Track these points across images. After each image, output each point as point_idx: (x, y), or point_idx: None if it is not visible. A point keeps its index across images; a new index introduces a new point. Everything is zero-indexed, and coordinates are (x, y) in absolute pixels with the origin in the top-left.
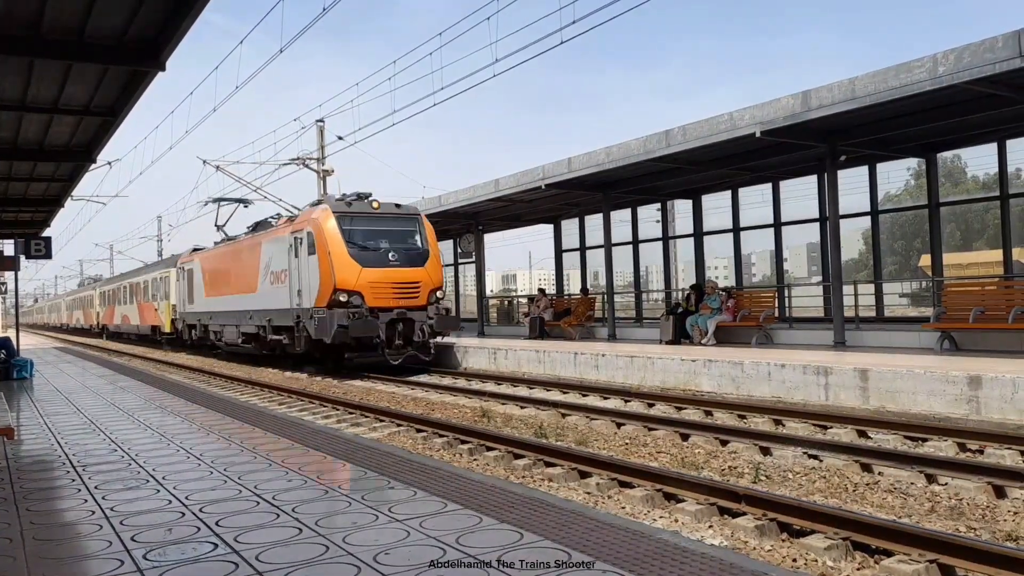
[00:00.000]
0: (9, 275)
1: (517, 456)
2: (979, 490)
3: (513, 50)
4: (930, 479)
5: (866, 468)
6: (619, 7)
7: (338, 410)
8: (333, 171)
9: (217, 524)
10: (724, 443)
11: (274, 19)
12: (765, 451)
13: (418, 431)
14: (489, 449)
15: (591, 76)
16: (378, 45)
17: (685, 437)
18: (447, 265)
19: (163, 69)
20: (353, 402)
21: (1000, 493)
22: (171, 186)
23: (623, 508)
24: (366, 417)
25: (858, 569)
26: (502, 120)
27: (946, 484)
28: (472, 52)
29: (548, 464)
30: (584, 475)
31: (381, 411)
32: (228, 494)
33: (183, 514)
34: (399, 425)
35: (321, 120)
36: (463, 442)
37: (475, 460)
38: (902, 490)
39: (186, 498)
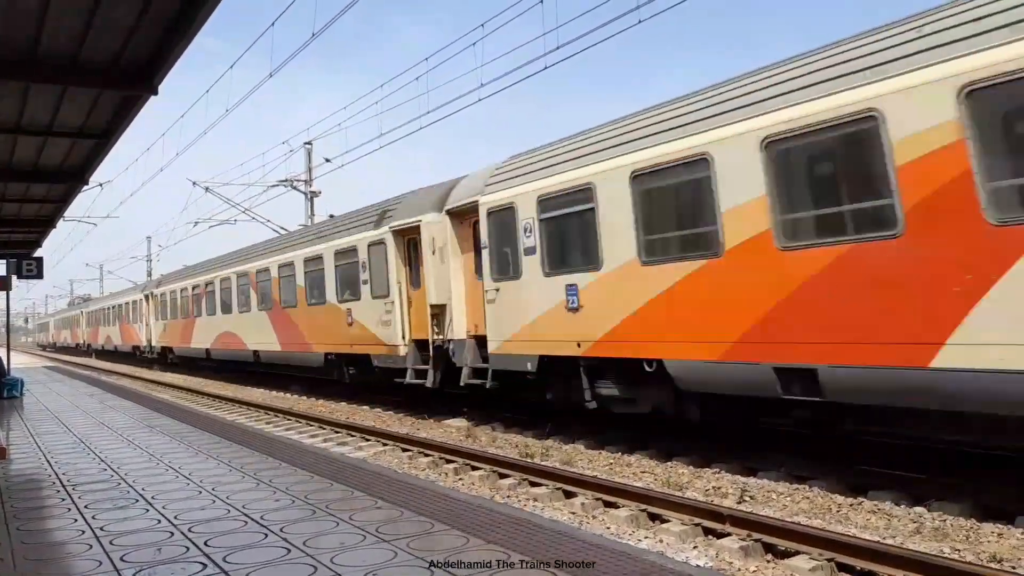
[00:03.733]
0: (0, 295)
1: (503, 476)
2: (963, 512)
3: (498, 75)
4: (916, 500)
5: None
6: (601, 33)
7: (324, 429)
8: (320, 192)
9: (206, 544)
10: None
11: (264, 43)
12: (751, 471)
13: (404, 450)
14: (475, 468)
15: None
16: (368, 67)
17: (669, 456)
18: None
19: (155, 93)
20: (340, 421)
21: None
22: (161, 207)
23: (608, 528)
24: (352, 436)
25: None
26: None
27: (929, 504)
28: (458, 76)
29: (533, 484)
30: (569, 495)
31: (367, 430)
32: (217, 513)
33: (172, 533)
34: (385, 444)
35: (309, 143)
36: (448, 461)
37: (460, 480)
38: (886, 511)
39: (175, 517)
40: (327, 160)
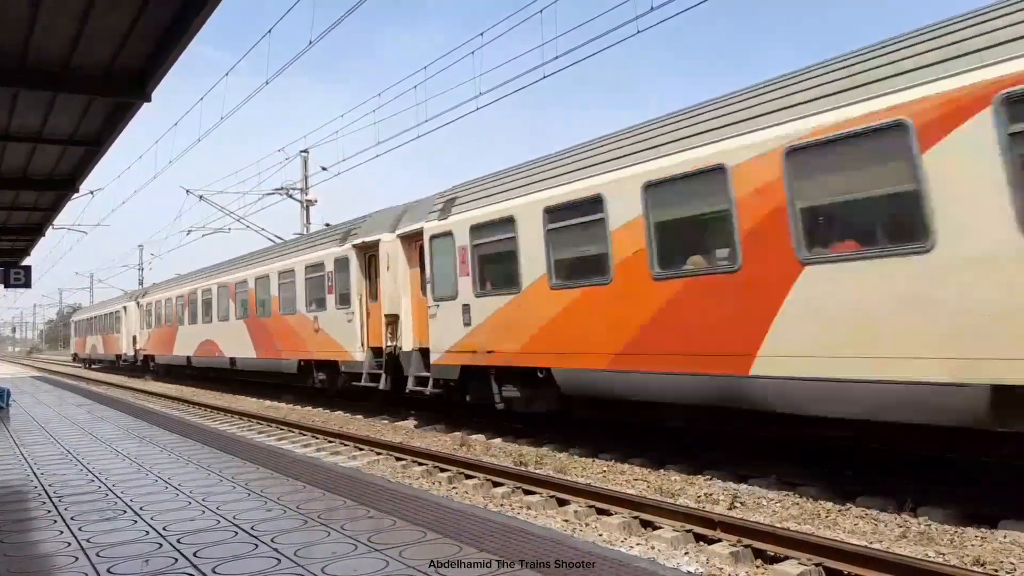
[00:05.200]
0: None
1: (496, 484)
2: (947, 517)
3: (496, 84)
4: (901, 505)
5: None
6: (599, 44)
7: (317, 438)
8: (316, 201)
9: (195, 555)
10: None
11: (260, 52)
12: (742, 478)
13: (397, 459)
14: (468, 477)
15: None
16: (365, 77)
17: (662, 464)
18: None
19: (148, 100)
20: (332, 430)
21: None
22: (153, 215)
23: (600, 535)
24: (345, 445)
25: None
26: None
27: (915, 510)
28: (456, 85)
29: (527, 492)
30: (563, 503)
31: (360, 439)
32: (206, 524)
33: (160, 545)
34: (378, 453)
35: (305, 151)
36: (442, 470)
37: (454, 488)
38: (873, 516)
39: (163, 529)
40: (323, 168)
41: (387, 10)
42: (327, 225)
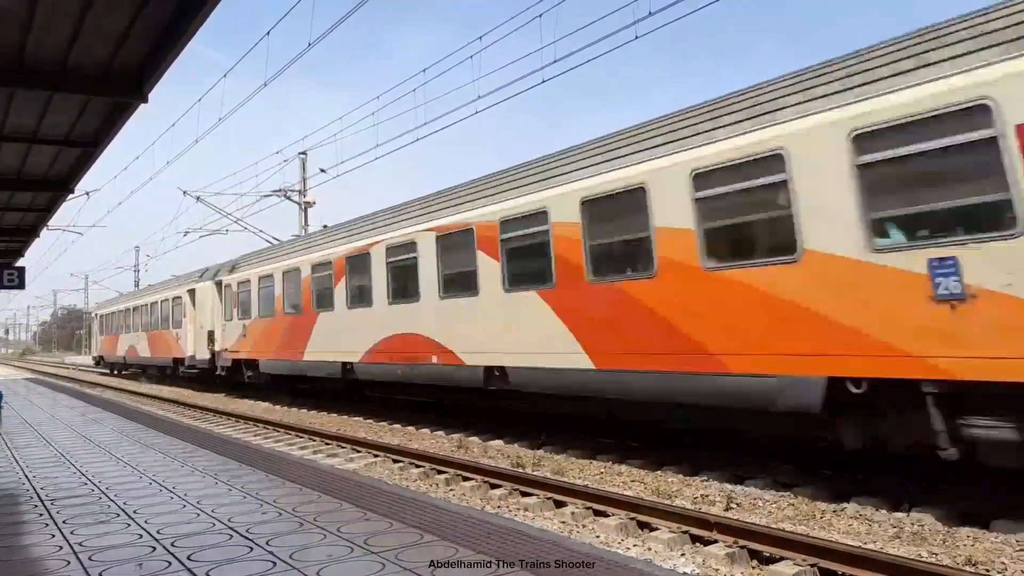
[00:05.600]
0: None
1: (494, 486)
2: (940, 517)
3: (496, 87)
4: (895, 505)
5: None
6: (599, 48)
7: (314, 440)
8: (315, 203)
9: (189, 559)
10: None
11: (260, 54)
12: (738, 479)
13: (395, 461)
14: (466, 479)
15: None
16: (365, 79)
17: (659, 465)
18: None
19: (146, 101)
20: (330, 432)
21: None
22: (150, 216)
23: (597, 537)
24: (343, 447)
25: None
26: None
27: (909, 510)
28: (456, 88)
29: (524, 494)
30: (560, 504)
31: (358, 441)
32: (201, 527)
33: (154, 548)
34: (376, 455)
35: (304, 153)
36: (440, 472)
37: (452, 490)
38: (867, 516)
39: (157, 532)
40: (322, 171)
41: (387, 13)
42: (325, 227)
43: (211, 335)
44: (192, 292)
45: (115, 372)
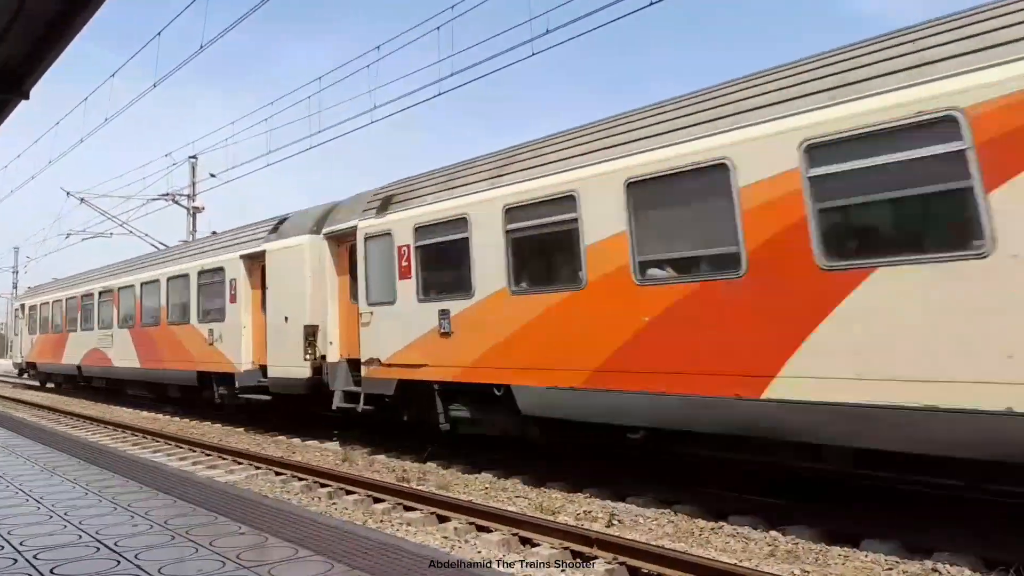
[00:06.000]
0: None
1: (377, 500)
2: (814, 536)
3: (392, 98)
4: (771, 523)
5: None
6: (496, 63)
7: (195, 451)
8: (204, 208)
9: (52, 572)
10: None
11: (149, 54)
12: (620, 496)
13: (277, 474)
14: (349, 493)
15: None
16: (258, 86)
17: (543, 481)
18: None
19: (27, 98)
20: (211, 443)
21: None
22: (34, 216)
23: (479, 552)
24: (224, 459)
25: None
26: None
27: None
28: (353, 97)
29: (408, 508)
30: (443, 519)
31: (240, 453)
32: (67, 539)
33: (15, 561)
34: (258, 467)
35: (194, 156)
36: (323, 486)
37: (334, 504)
38: (744, 535)
39: (20, 544)
40: (212, 175)
41: (284, 24)
42: (214, 233)
43: (312, 334)
44: (256, 258)
45: (45, 385)
